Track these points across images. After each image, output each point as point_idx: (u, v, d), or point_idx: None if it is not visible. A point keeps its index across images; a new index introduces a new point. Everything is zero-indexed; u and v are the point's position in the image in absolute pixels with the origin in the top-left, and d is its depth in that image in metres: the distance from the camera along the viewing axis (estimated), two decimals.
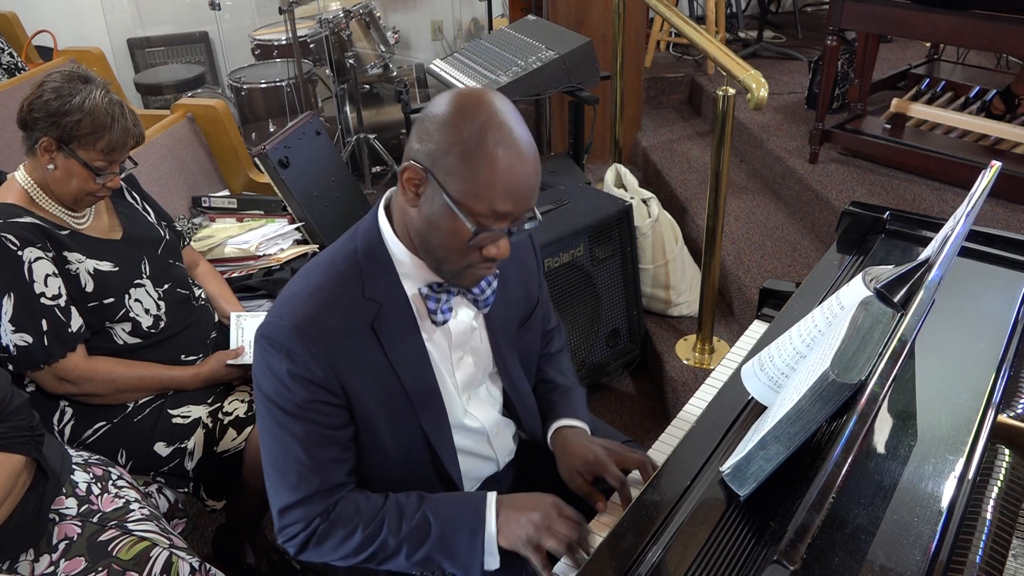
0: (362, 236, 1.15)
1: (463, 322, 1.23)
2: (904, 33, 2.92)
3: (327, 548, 1.16)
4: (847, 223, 1.62)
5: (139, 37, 4.74)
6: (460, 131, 1.01)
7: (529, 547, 1.12)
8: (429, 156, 1.03)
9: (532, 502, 1.16)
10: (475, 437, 1.31)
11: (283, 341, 1.09)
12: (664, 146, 3.62)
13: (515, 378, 1.34)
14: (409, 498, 1.18)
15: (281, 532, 1.17)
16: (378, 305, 1.13)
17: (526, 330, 1.36)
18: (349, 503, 1.17)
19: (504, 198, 1.02)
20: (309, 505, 1.14)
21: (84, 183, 1.61)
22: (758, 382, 1.17)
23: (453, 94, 1.06)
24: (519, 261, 1.31)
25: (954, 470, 1.00)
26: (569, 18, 3.41)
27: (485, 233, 1.05)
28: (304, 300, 1.11)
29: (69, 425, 1.69)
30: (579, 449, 1.28)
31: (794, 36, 4.49)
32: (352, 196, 2.81)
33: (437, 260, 1.11)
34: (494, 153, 1.00)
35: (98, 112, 1.57)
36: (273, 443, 1.14)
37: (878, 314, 0.98)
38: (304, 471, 1.13)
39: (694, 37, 2.23)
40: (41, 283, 1.56)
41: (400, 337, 1.15)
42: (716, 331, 2.48)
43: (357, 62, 3.84)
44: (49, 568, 1.31)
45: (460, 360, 1.25)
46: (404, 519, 1.16)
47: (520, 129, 1.04)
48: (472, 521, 1.15)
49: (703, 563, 0.94)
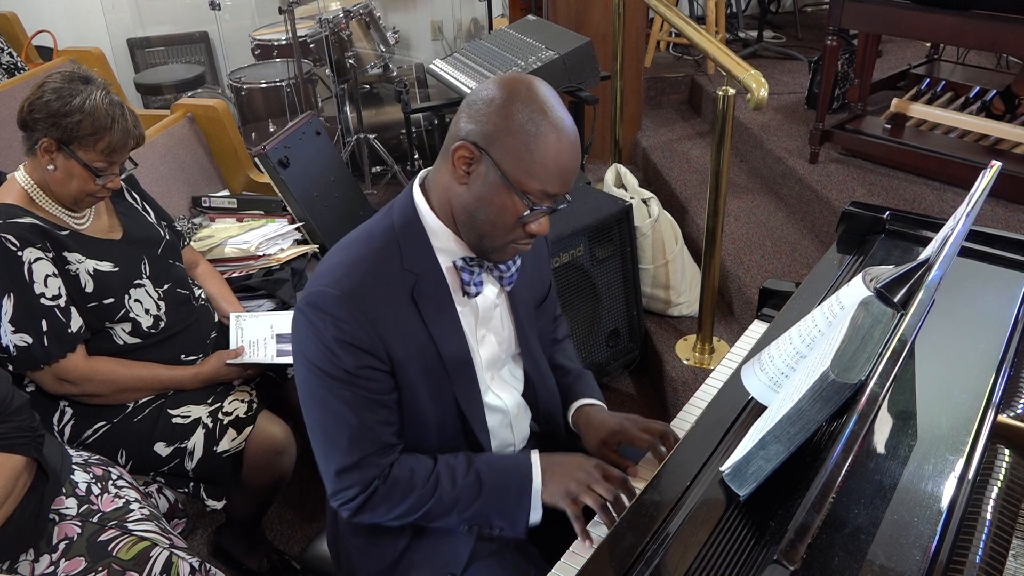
0: (398, 211, 1.19)
1: (488, 298, 1.26)
2: (904, 33, 2.92)
3: (383, 510, 1.20)
4: (847, 223, 1.62)
5: (139, 37, 4.74)
6: (518, 114, 1.07)
7: (567, 499, 1.18)
8: (485, 136, 1.08)
9: (575, 460, 1.23)
10: (497, 416, 1.33)
11: (330, 309, 1.12)
12: (664, 146, 3.62)
13: (536, 355, 1.39)
14: (457, 459, 1.23)
15: (336, 495, 1.20)
16: (416, 276, 1.17)
17: (541, 311, 1.42)
18: (403, 467, 1.21)
19: (555, 179, 1.10)
20: (365, 469, 1.18)
21: (84, 184, 1.61)
22: (758, 382, 1.17)
23: (503, 79, 1.12)
24: (534, 246, 1.33)
25: (954, 470, 1.00)
26: (569, 18, 3.41)
27: (535, 211, 1.11)
28: (347, 270, 1.15)
29: (69, 425, 1.69)
30: (603, 421, 1.35)
31: (794, 36, 4.49)
32: (352, 196, 2.81)
33: (480, 235, 1.15)
34: (549, 137, 1.07)
35: (99, 113, 1.57)
36: (322, 410, 1.17)
37: (878, 314, 0.98)
38: (355, 434, 1.16)
39: (694, 37, 2.23)
40: (41, 283, 1.56)
41: (437, 307, 1.19)
42: (716, 331, 2.48)
43: (357, 62, 3.84)
44: (49, 568, 1.31)
45: (483, 338, 1.28)
46: (456, 478, 1.21)
47: (567, 116, 1.11)
48: (519, 477, 1.21)
49: (703, 563, 0.94)
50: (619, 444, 1.32)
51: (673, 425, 1.40)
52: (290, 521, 2.19)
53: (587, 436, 1.36)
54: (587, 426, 1.37)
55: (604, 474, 1.19)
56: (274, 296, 2.26)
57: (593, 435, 1.35)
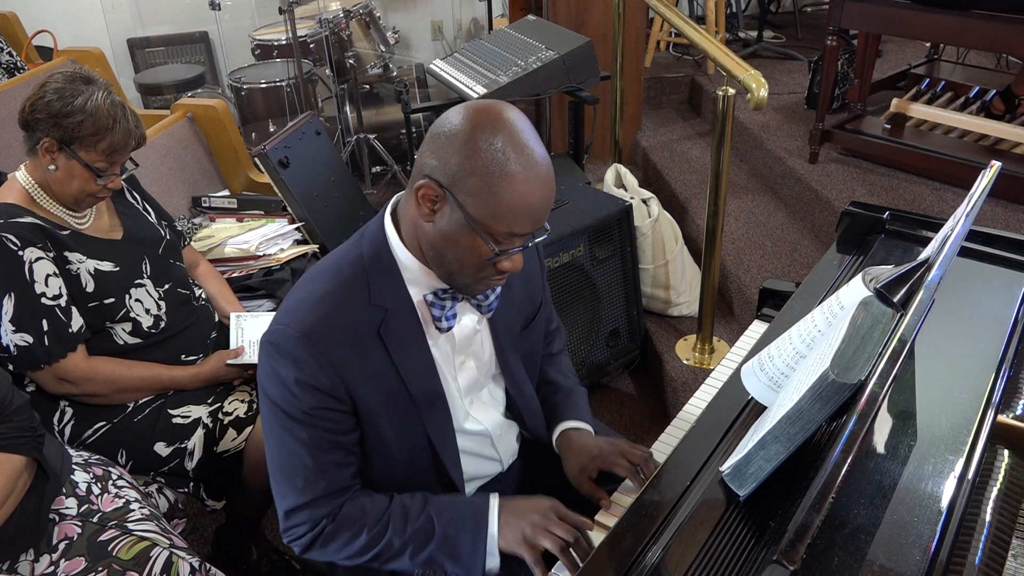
0: (368, 242, 1.15)
1: (467, 327, 1.23)
2: (904, 33, 2.92)
3: (332, 548, 1.17)
4: (847, 223, 1.62)
5: (139, 37, 4.74)
6: (481, 153, 1.00)
7: (524, 546, 1.13)
8: (448, 176, 1.03)
9: (531, 505, 1.17)
10: (478, 440, 1.31)
11: (290, 349, 1.09)
12: (664, 146, 3.62)
13: (519, 380, 1.35)
14: (413, 499, 1.19)
15: (287, 532, 1.18)
16: (384, 311, 1.13)
17: (529, 332, 1.37)
18: (355, 505, 1.18)
19: (524, 221, 1.04)
20: (315, 508, 1.15)
21: (85, 184, 1.61)
22: (758, 382, 1.17)
23: (468, 109, 1.05)
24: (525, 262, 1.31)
25: (954, 470, 1.00)
26: (569, 18, 3.41)
27: (503, 253, 1.07)
28: (311, 307, 1.11)
29: (69, 425, 1.69)
30: (584, 447, 1.31)
31: (794, 36, 4.49)
32: (352, 196, 2.81)
33: (450, 273, 1.12)
34: (515, 177, 1.01)
35: (100, 113, 1.57)
36: (279, 447, 1.15)
37: (878, 314, 0.98)
38: (310, 475, 1.14)
39: (694, 37, 2.23)
40: (42, 283, 1.56)
41: (406, 344, 1.16)
42: (716, 331, 2.48)
43: (357, 62, 3.84)
44: (49, 568, 1.31)
45: (462, 364, 1.25)
46: (409, 520, 1.17)
47: (538, 147, 1.04)
48: (475, 523, 1.16)
49: (703, 563, 0.94)
50: (598, 471, 1.27)
51: (673, 425, 1.40)
52: None
53: (568, 462, 1.32)
54: (568, 451, 1.33)
55: (559, 515, 1.15)
56: (274, 296, 2.26)
57: (573, 461, 1.30)
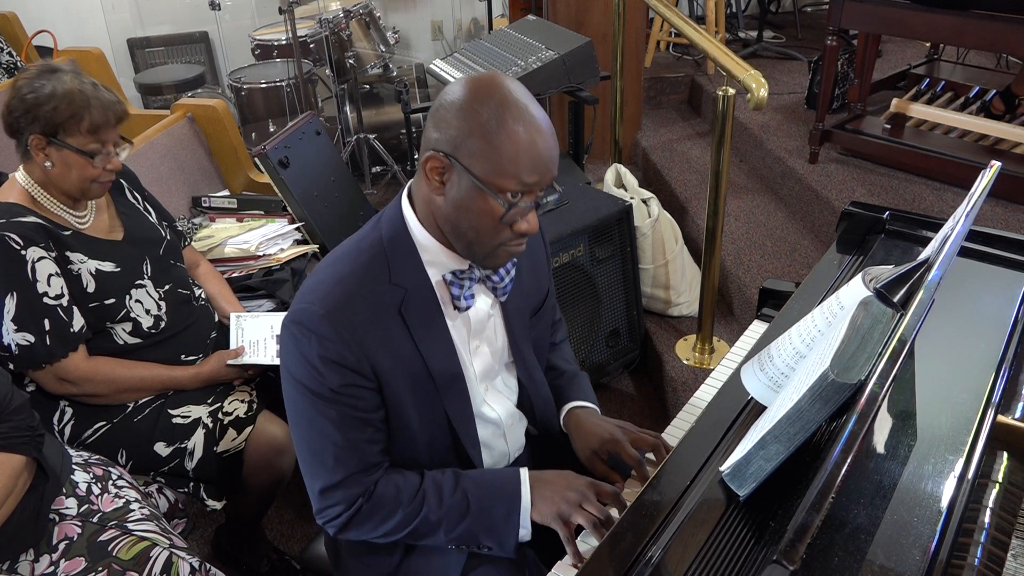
0: (386, 224, 1.17)
1: (481, 310, 1.25)
2: (904, 33, 2.92)
3: (368, 527, 1.19)
4: (847, 223, 1.62)
5: (139, 37, 4.74)
6: (478, 113, 1.04)
7: (559, 521, 1.15)
8: (450, 142, 1.06)
9: (565, 480, 1.20)
10: (491, 429, 1.33)
11: (314, 327, 1.10)
12: (664, 146, 3.62)
13: (530, 366, 1.37)
14: (445, 475, 1.21)
15: (321, 513, 1.19)
16: (404, 291, 1.15)
17: (538, 320, 1.39)
18: (388, 483, 1.19)
19: (529, 170, 1.06)
20: (349, 487, 1.17)
21: (83, 170, 1.61)
22: (758, 382, 1.17)
23: (464, 80, 1.09)
24: (531, 252, 1.33)
25: (954, 470, 1.00)
26: (569, 18, 3.41)
27: (515, 208, 1.08)
28: (332, 287, 1.13)
29: (69, 425, 1.69)
30: (594, 428, 1.32)
31: (794, 36, 4.49)
32: (352, 196, 2.81)
33: (468, 243, 1.13)
34: (514, 129, 1.04)
35: (72, 94, 1.56)
36: (308, 427, 1.16)
37: (878, 314, 0.98)
38: (340, 453, 1.15)
39: (694, 37, 2.23)
40: (44, 283, 1.56)
41: (426, 322, 1.18)
42: (716, 331, 2.48)
43: (357, 62, 3.84)
44: (49, 568, 1.31)
45: (477, 349, 1.27)
46: (443, 496, 1.19)
47: (533, 105, 1.08)
48: (508, 496, 1.18)
49: (703, 563, 0.94)
50: (608, 455, 1.29)
51: (673, 425, 1.40)
52: (290, 521, 2.19)
53: (577, 442, 1.34)
54: (577, 430, 1.34)
55: (597, 492, 1.17)
56: (274, 296, 2.26)
57: (583, 442, 1.32)
